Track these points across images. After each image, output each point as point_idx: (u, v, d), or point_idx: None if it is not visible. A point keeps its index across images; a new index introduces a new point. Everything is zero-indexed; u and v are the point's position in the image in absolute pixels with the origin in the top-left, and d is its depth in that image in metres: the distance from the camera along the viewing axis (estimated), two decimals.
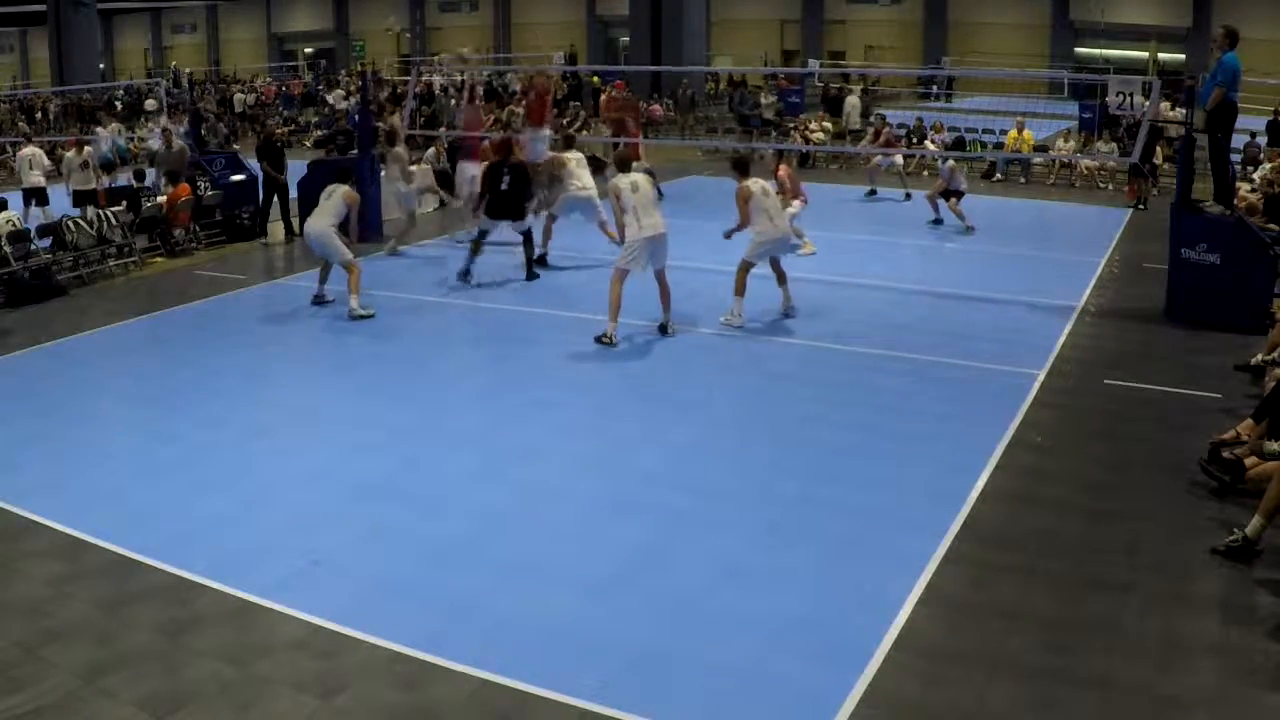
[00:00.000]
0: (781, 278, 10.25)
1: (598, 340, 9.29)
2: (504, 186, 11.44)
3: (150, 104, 29.62)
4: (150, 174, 15.39)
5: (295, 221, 14.38)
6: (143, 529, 5.91)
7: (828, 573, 5.47)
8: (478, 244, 11.70)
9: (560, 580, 5.40)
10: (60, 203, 14.98)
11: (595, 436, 7.40)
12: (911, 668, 4.66)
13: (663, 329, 9.61)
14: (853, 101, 24.47)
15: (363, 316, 10.29)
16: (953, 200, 14.66)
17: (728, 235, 10.13)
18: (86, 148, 15.35)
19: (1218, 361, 8.78)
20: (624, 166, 10.01)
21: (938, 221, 15.06)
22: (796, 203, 12.65)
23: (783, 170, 12.81)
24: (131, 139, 24.15)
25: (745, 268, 9.90)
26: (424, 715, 4.37)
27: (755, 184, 9.86)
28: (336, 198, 10.57)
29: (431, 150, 17.63)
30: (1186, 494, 6.36)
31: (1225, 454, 6.52)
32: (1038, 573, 5.50)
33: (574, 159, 12.76)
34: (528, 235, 11.83)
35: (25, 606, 5.18)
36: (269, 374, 9.18)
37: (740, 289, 9.86)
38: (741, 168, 10.10)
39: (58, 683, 4.54)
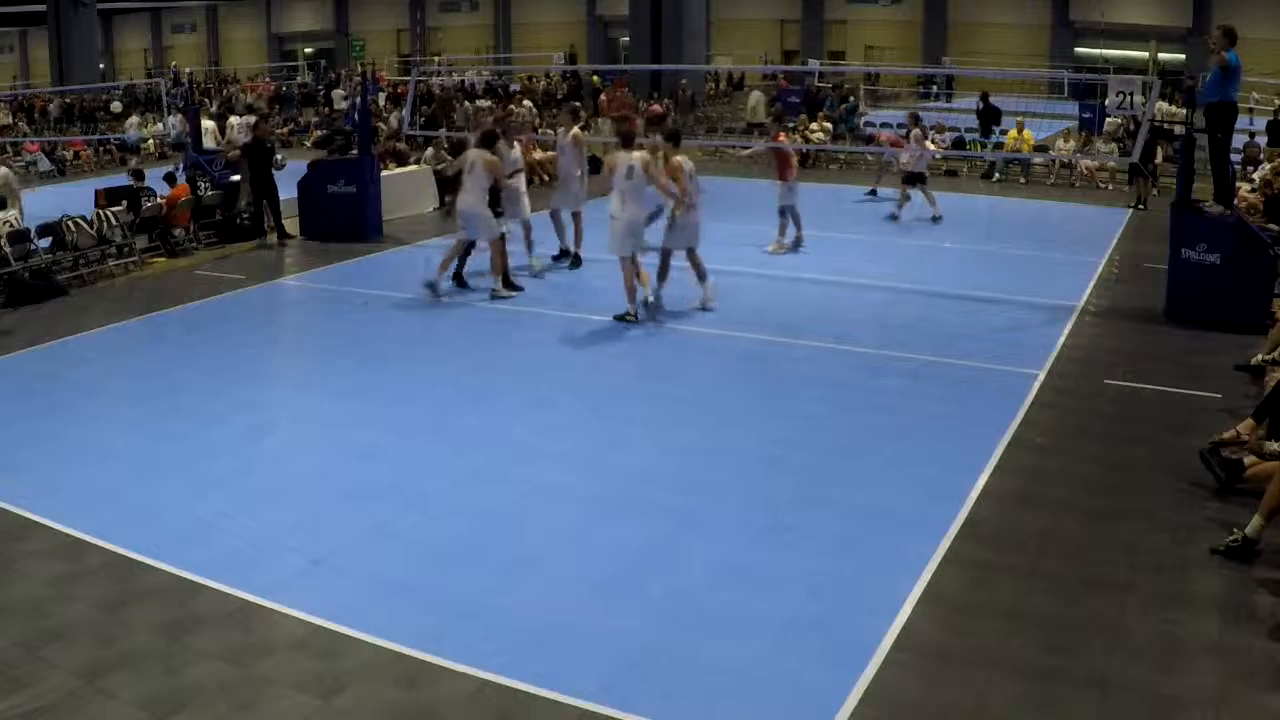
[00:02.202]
0: (702, 275, 10.31)
1: (620, 318, 9.69)
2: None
3: (115, 106, 29.67)
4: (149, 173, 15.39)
5: (287, 224, 14.38)
6: (143, 529, 5.91)
7: (828, 573, 5.47)
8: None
9: (560, 580, 5.40)
10: None
11: (595, 436, 7.39)
12: (911, 668, 4.66)
13: (620, 317, 9.83)
14: (757, 95, 24.92)
15: (504, 296, 10.56)
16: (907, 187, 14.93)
17: (671, 221, 9.97)
18: (2, 168, 14.53)
19: (1218, 361, 8.78)
20: (627, 142, 9.96)
21: (937, 219, 15.08)
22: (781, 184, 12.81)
23: (783, 136, 12.94)
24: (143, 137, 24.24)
25: (665, 254, 10.13)
26: (424, 715, 4.37)
27: (688, 162, 9.89)
28: (479, 169, 10.58)
29: (430, 150, 17.65)
30: (1186, 494, 6.36)
31: (1225, 454, 6.52)
32: (1038, 573, 5.50)
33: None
34: (470, 246, 11.13)
35: (25, 606, 5.18)
36: (269, 374, 9.18)
37: (640, 277, 9.99)
38: (676, 139, 10.15)
39: (58, 683, 4.54)
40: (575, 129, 12.80)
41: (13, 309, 11.03)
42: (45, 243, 12.09)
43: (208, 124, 17.36)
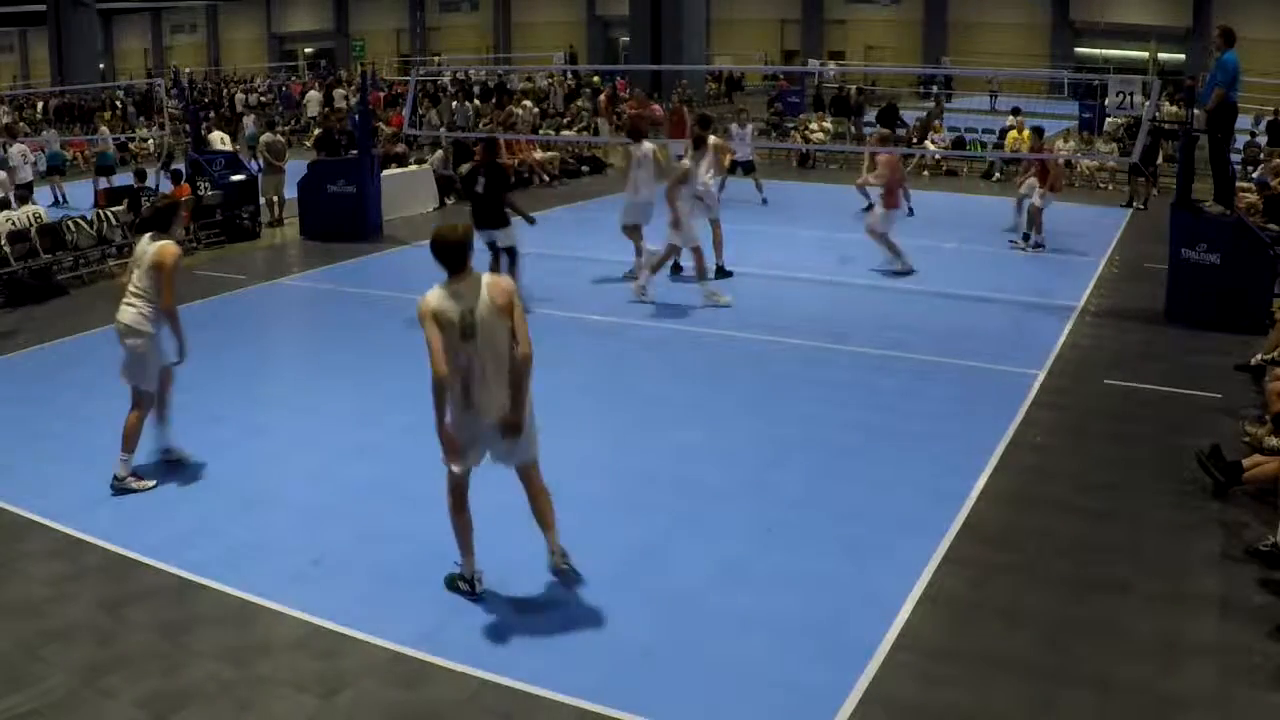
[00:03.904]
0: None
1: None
2: (479, 189, 10.20)
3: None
4: (151, 174, 15.46)
5: (288, 224, 14.46)
6: (143, 529, 5.91)
7: (828, 573, 5.47)
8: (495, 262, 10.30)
9: (560, 580, 5.40)
10: None
11: (595, 436, 7.39)
12: (911, 668, 4.66)
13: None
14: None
15: (721, 303, 10.53)
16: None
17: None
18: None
19: (1218, 361, 8.78)
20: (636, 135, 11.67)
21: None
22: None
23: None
24: (132, 139, 24.23)
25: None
26: (424, 715, 4.37)
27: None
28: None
29: (439, 154, 17.64)
30: (1186, 494, 6.36)
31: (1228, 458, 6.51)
32: (1038, 573, 5.50)
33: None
34: (512, 253, 10.31)
35: (25, 606, 5.18)
36: (269, 373, 9.18)
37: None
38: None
39: (58, 683, 4.54)
40: (712, 138, 12.19)
41: (12, 309, 11.04)
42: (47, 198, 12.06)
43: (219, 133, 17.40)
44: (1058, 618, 5.07)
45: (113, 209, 13.18)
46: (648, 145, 11.62)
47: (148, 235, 6.50)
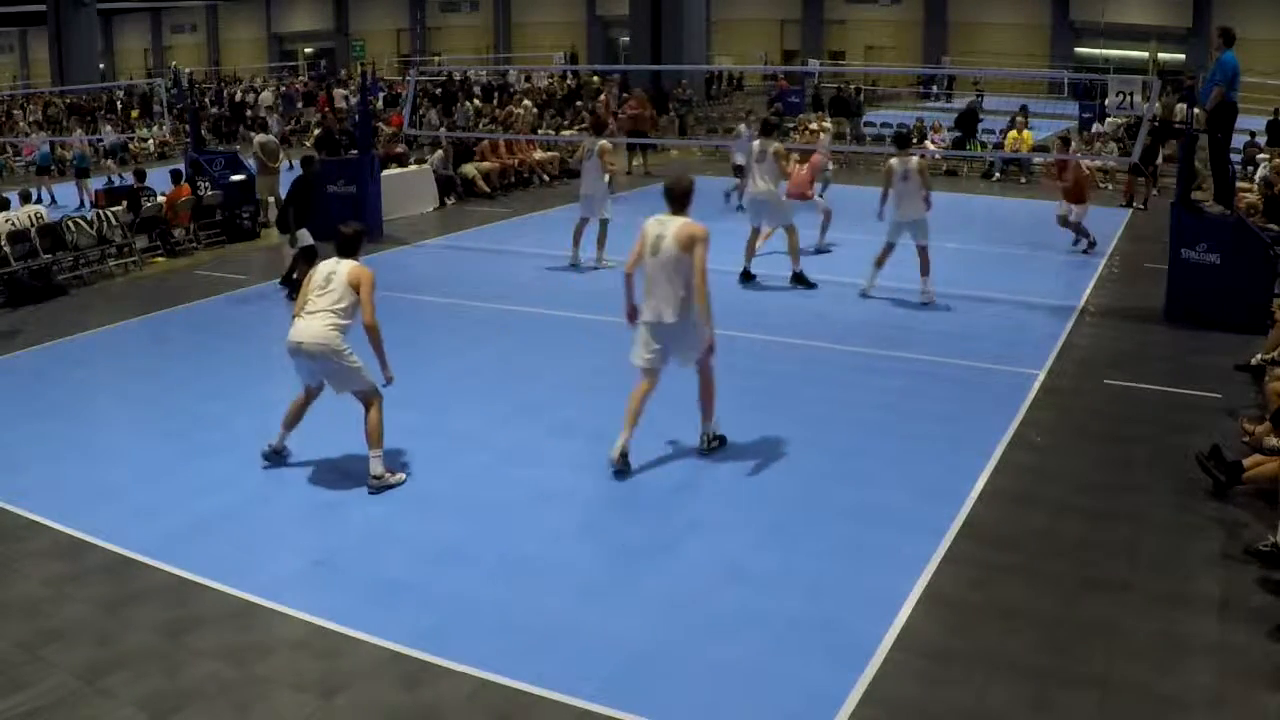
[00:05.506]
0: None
1: None
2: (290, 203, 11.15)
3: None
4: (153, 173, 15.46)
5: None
6: (143, 529, 5.91)
7: (828, 573, 5.47)
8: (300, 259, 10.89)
9: (561, 580, 5.40)
10: None
11: (596, 437, 7.36)
12: (911, 668, 4.66)
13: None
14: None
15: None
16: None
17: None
18: None
19: (1218, 361, 8.77)
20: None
21: None
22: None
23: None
24: (132, 138, 24.25)
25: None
26: (424, 715, 4.37)
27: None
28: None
29: (439, 154, 17.63)
30: (1186, 494, 6.36)
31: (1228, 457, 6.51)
32: (1038, 573, 5.50)
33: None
34: (308, 252, 10.62)
35: (25, 606, 5.18)
36: (269, 374, 9.15)
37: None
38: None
39: (58, 683, 4.54)
40: (775, 144, 11.62)
41: (13, 309, 11.04)
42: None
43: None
44: (1058, 618, 5.07)
45: (113, 209, 13.18)
46: (601, 141, 12.41)
47: (333, 259, 6.66)
